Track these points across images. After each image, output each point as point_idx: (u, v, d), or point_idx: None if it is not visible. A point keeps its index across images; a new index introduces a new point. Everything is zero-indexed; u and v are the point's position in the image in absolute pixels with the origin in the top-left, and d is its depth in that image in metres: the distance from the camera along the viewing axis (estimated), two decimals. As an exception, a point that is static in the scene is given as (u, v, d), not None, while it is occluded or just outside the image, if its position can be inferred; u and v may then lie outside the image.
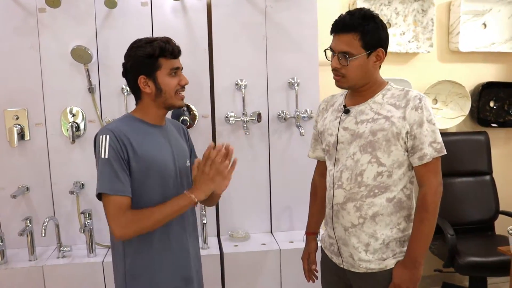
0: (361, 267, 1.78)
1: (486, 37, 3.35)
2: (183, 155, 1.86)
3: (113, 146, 1.64)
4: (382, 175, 1.73)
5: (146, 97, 1.77)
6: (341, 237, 1.83)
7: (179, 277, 1.80)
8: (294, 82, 2.76)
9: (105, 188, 1.63)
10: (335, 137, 1.82)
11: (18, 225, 2.53)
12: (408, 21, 3.24)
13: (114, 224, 1.63)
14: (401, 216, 1.76)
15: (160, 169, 1.73)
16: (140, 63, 1.73)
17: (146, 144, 1.72)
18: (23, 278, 2.44)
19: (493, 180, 3.33)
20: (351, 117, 1.79)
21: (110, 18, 2.60)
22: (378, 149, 1.71)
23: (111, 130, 1.67)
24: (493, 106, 3.45)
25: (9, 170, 2.61)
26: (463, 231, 3.19)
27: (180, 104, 1.80)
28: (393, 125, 1.69)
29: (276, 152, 2.83)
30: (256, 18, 2.73)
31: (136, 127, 1.75)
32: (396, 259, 1.76)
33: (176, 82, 1.76)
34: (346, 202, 1.78)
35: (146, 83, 1.74)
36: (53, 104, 2.62)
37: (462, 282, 3.45)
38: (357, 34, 1.68)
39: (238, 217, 2.84)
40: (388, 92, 1.77)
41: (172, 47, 1.74)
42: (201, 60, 2.70)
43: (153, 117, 1.79)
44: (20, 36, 2.55)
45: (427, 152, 1.67)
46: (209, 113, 2.74)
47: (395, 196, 1.74)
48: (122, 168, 1.65)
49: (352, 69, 1.71)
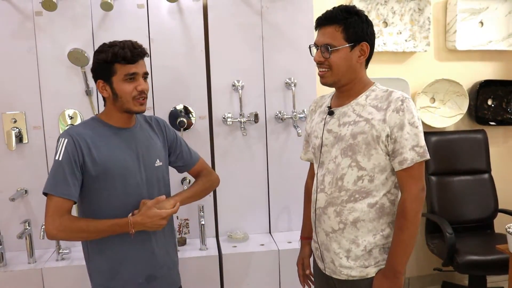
0: (342, 273, 1.74)
1: (483, 35, 3.34)
2: (152, 155, 1.89)
3: (68, 150, 1.70)
4: (363, 180, 1.68)
5: (108, 102, 1.82)
6: (323, 242, 1.80)
7: (143, 274, 1.85)
8: (291, 83, 2.76)
9: (50, 188, 1.70)
10: (320, 140, 1.79)
11: (17, 228, 2.54)
12: (404, 20, 3.24)
13: (48, 224, 1.70)
14: (384, 222, 1.71)
15: (119, 172, 1.77)
16: (97, 68, 1.78)
17: (105, 148, 1.76)
18: (22, 281, 2.45)
19: (491, 179, 3.32)
20: (335, 119, 1.75)
21: (107, 21, 2.60)
22: (358, 152, 1.67)
23: (70, 135, 1.73)
24: (491, 104, 3.45)
25: (7, 173, 2.62)
26: (462, 229, 3.19)
27: (139, 109, 1.80)
28: (373, 128, 1.64)
29: (274, 152, 2.83)
30: (252, 19, 2.73)
31: (98, 131, 1.79)
32: (378, 267, 1.71)
33: (132, 88, 1.76)
34: (327, 206, 1.75)
35: (104, 87, 1.78)
36: (50, 107, 2.62)
37: (462, 281, 3.45)
38: (339, 26, 1.66)
39: (237, 218, 2.84)
40: (372, 93, 1.71)
41: (125, 53, 1.72)
42: (198, 62, 2.70)
43: (117, 120, 1.82)
44: (17, 40, 2.56)
45: (407, 157, 1.61)
46: (206, 114, 2.74)
47: (377, 201, 1.69)
48: (72, 172, 1.70)
49: (335, 60, 1.68)
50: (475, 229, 3.26)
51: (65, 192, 1.69)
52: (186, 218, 2.77)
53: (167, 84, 2.69)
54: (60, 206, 1.69)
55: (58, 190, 1.68)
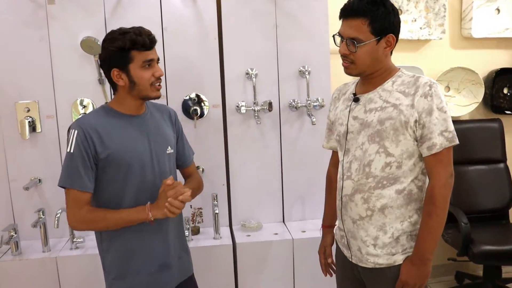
0: (368, 261, 1.74)
1: (499, 22, 3.29)
2: (163, 142, 1.88)
3: (79, 141, 1.69)
4: (391, 166, 1.67)
5: (121, 89, 1.79)
6: (349, 229, 1.79)
7: (157, 262, 1.85)
8: (305, 71, 2.73)
9: (65, 182, 1.71)
10: (345, 127, 1.78)
11: (31, 217, 2.55)
12: (419, 7, 3.19)
13: (70, 217, 1.74)
14: (412, 209, 1.70)
15: (132, 160, 1.77)
16: (112, 57, 1.74)
17: (117, 137, 1.75)
18: (37, 269, 2.46)
19: (507, 168, 3.29)
20: (361, 106, 1.74)
21: (119, 9, 2.58)
22: (386, 138, 1.66)
23: (80, 126, 1.72)
24: (507, 93, 3.40)
25: (21, 163, 2.62)
26: (477, 219, 3.16)
27: (156, 95, 1.80)
28: (401, 113, 1.63)
29: (288, 141, 2.81)
30: (266, 7, 2.70)
31: (109, 120, 1.78)
32: (406, 255, 1.71)
33: (150, 74, 1.76)
34: (354, 193, 1.74)
35: (120, 76, 1.75)
36: (63, 96, 2.62)
37: (476, 271, 3.43)
38: (366, 19, 1.63)
39: (250, 207, 2.83)
40: (398, 79, 1.71)
41: (143, 39, 1.72)
42: (211, 50, 2.68)
43: (129, 108, 1.81)
44: (30, 29, 2.54)
45: (436, 142, 1.60)
46: (220, 102, 2.72)
47: (405, 187, 1.68)
48: (85, 164, 1.70)
49: (361, 55, 1.66)
50: (490, 219, 3.23)
51: (80, 185, 1.70)
52: (199, 207, 2.77)
53: (180, 73, 2.66)
54: (78, 198, 1.70)
55: (72, 183, 1.70)
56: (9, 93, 2.57)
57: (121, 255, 1.82)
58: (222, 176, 2.77)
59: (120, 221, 1.73)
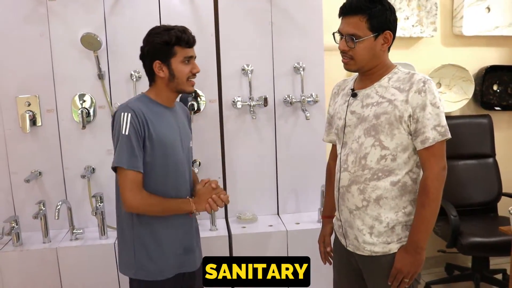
0: (365, 249, 1.81)
1: (489, 21, 3.36)
2: (188, 136, 2.02)
3: (133, 123, 1.77)
4: (386, 159, 1.74)
5: (160, 80, 1.90)
6: (346, 219, 1.86)
7: (182, 246, 1.96)
8: (299, 67, 2.79)
9: (123, 162, 1.76)
10: (343, 121, 1.85)
11: (32, 209, 2.60)
12: (412, 5, 3.25)
13: (130, 197, 1.78)
14: (406, 200, 1.77)
15: (170, 148, 1.88)
16: (156, 49, 1.85)
17: (159, 124, 1.85)
18: (37, 260, 2.52)
19: (496, 163, 3.37)
20: (358, 101, 1.81)
21: (118, 6, 2.63)
22: (381, 132, 1.72)
23: (132, 109, 1.79)
24: (497, 89, 3.48)
25: (22, 155, 2.68)
26: (467, 212, 3.23)
27: (191, 90, 1.93)
28: (396, 108, 1.69)
29: (282, 135, 2.87)
30: (261, 4, 2.75)
31: (151, 108, 1.87)
32: (401, 244, 1.77)
33: (188, 70, 1.88)
34: (350, 184, 1.81)
35: (161, 68, 1.86)
36: (63, 91, 2.67)
37: (465, 263, 3.50)
38: (364, 16, 1.69)
39: (246, 200, 2.90)
40: (394, 76, 1.77)
41: (188, 37, 1.86)
42: (208, 46, 2.73)
43: (165, 99, 1.93)
44: (31, 24, 2.59)
45: (429, 136, 1.67)
46: (216, 97, 2.79)
47: (399, 179, 1.75)
48: (139, 146, 1.78)
49: (360, 51, 1.73)
50: (479, 212, 3.31)
51: (136, 165, 1.78)
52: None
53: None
54: (136, 179, 1.78)
55: (130, 164, 1.76)
56: (10, 88, 2.62)
57: (153, 240, 1.90)
58: (218, 170, 2.83)
59: (170, 209, 1.87)
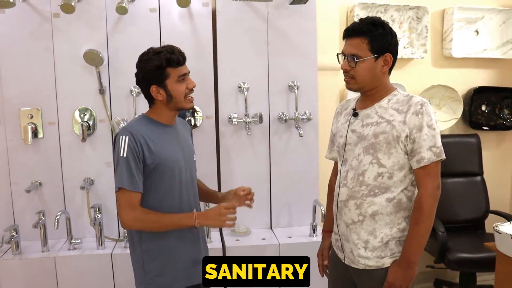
0: (360, 263, 1.87)
1: (478, 43, 3.46)
2: (190, 151, 2.08)
3: (131, 146, 1.84)
4: (383, 176, 1.81)
5: (159, 103, 1.96)
6: (343, 233, 1.93)
7: (190, 259, 2.01)
8: (294, 86, 2.88)
9: (123, 183, 1.83)
10: (344, 139, 1.93)
11: (31, 218, 2.67)
12: (403, 28, 3.36)
13: (124, 216, 1.85)
14: (401, 217, 1.83)
15: (172, 165, 1.93)
16: (150, 75, 1.91)
17: (159, 143, 1.91)
18: (36, 268, 2.58)
19: (484, 181, 3.44)
20: (359, 120, 1.89)
21: (121, 24, 2.72)
22: (379, 150, 1.80)
23: (130, 132, 1.86)
24: (485, 109, 3.57)
25: (23, 166, 2.74)
26: (455, 229, 3.30)
27: (190, 106, 1.99)
28: (394, 129, 1.77)
29: (276, 151, 2.95)
30: (258, 24, 2.85)
31: (151, 128, 1.94)
32: (394, 258, 1.83)
33: (184, 87, 1.94)
34: (348, 199, 1.88)
35: (158, 91, 1.92)
36: (65, 104, 2.74)
37: (454, 279, 3.56)
38: (365, 38, 1.79)
39: (240, 213, 2.89)
40: (394, 98, 1.85)
41: (177, 57, 1.90)
42: (206, 64, 2.82)
43: (165, 118, 1.99)
44: (36, 40, 2.67)
45: (424, 156, 1.73)
46: (213, 114, 2.87)
47: (395, 196, 1.81)
48: (137, 167, 1.85)
49: (360, 71, 1.81)
50: (467, 229, 3.38)
51: (134, 185, 1.84)
52: (191, 212, 2.89)
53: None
54: (132, 199, 1.84)
55: (129, 184, 1.83)
56: (13, 100, 2.69)
57: (162, 254, 1.95)
58: (214, 184, 2.88)
59: (171, 224, 1.90)
